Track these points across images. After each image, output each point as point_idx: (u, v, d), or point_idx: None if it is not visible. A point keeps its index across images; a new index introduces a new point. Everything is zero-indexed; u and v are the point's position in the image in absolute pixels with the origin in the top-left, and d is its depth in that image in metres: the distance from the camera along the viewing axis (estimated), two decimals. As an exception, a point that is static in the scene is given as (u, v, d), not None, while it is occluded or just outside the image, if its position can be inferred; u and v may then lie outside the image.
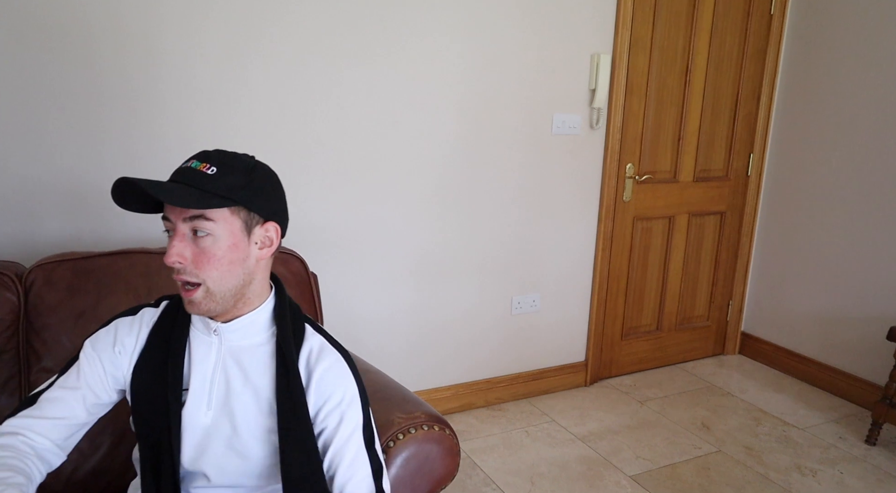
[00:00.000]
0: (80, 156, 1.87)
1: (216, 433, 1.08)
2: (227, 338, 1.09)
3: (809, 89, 3.03)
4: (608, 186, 2.83)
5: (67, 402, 1.07)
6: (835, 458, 2.47)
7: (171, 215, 1.00)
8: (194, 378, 1.09)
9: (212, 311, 1.04)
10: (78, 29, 1.80)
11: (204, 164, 1.00)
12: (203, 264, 1.00)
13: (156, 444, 1.07)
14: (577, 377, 3.01)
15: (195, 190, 0.97)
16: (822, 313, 3.04)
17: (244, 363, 1.09)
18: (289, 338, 1.09)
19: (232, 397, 1.08)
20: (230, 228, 1.01)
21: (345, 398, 1.09)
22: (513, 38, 2.47)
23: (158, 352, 1.10)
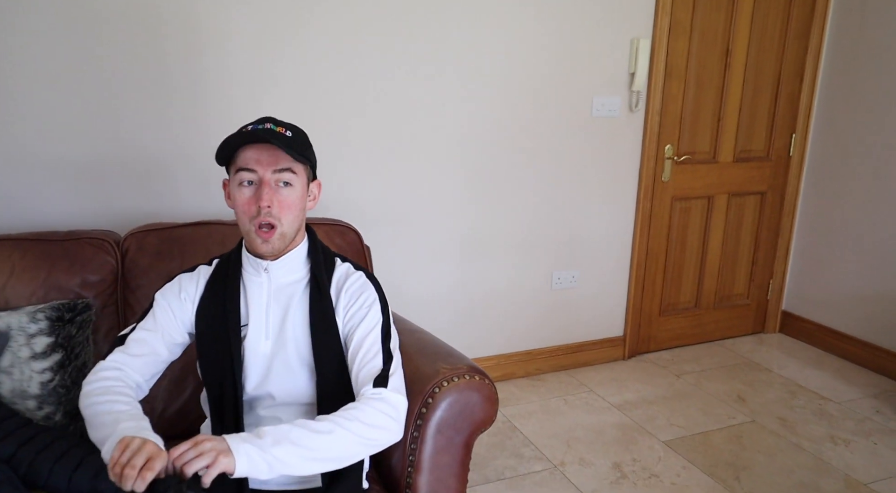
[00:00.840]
0: (153, 137, 2.09)
1: (276, 358, 1.27)
2: (275, 274, 1.29)
3: (854, 69, 3.04)
4: (647, 167, 2.92)
5: (150, 342, 1.26)
6: (869, 430, 2.53)
7: (259, 168, 1.18)
8: (252, 314, 1.28)
9: (278, 248, 1.24)
10: (144, 24, 2.02)
11: (280, 127, 1.20)
12: (284, 210, 1.21)
13: (220, 376, 1.26)
14: (616, 351, 3.13)
15: (289, 148, 1.17)
16: (864, 291, 3.07)
17: (290, 297, 1.29)
18: (321, 268, 1.30)
19: (286, 326, 1.27)
20: (302, 181, 1.24)
21: (366, 302, 1.29)
22: (554, 24, 2.59)
23: (216, 296, 1.29)
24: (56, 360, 1.48)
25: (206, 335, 1.28)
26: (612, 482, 2.18)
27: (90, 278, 1.61)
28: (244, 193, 1.21)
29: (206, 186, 2.19)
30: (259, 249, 1.24)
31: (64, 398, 1.48)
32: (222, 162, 1.24)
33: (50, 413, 1.46)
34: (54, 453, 1.32)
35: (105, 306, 1.63)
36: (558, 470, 2.24)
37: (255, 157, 1.19)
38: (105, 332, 1.62)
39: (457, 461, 1.42)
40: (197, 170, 2.16)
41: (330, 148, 2.33)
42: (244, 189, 1.21)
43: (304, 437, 1.07)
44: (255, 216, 1.20)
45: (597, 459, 2.31)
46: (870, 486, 2.17)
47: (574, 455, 2.33)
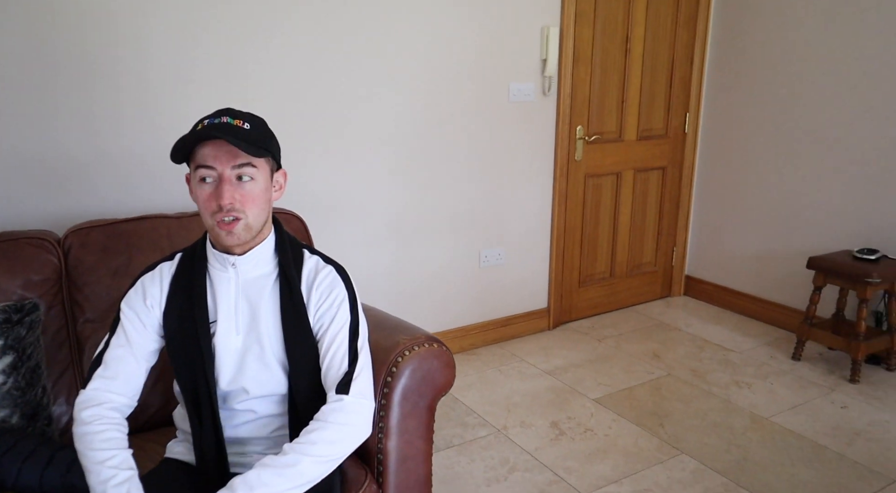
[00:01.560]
0: (74, 137, 2.04)
1: (248, 353, 1.28)
2: (243, 269, 1.28)
3: (736, 52, 3.37)
4: (561, 147, 3.12)
5: (125, 359, 1.25)
6: (766, 373, 2.85)
7: (218, 164, 1.17)
8: (220, 310, 1.28)
9: (243, 240, 1.23)
10: (61, 19, 1.96)
11: (237, 120, 1.19)
12: (247, 203, 1.20)
13: (192, 373, 1.26)
14: (541, 322, 3.33)
15: (245, 143, 1.15)
16: (754, 252, 3.43)
17: (259, 291, 1.29)
18: (290, 263, 1.30)
19: (257, 321, 1.28)
20: (264, 173, 1.23)
21: (336, 300, 1.30)
22: (470, 15, 2.71)
23: (182, 294, 1.28)
24: (8, 362, 1.45)
25: (175, 335, 1.27)
26: (552, 439, 2.35)
27: (33, 278, 1.58)
28: (205, 190, 1.19)
29: (127, 183, 2.15)
30: (224, 241, 1.22)
31: (20, 400, 1.45)
32: (180, 160, 1.20)
33: (6, 416, 1.43)
34: (20, 453, 1.31)
35: (51, 306, 1.60)
36: (502, 433, 2.39)
37: (213, 153, 1.17)
38: (53, 332, 1.59)
39: (422, 424, 1.52)
40: (118, 168, 2.13)
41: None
42: (205, 186, 1.19)
43: (275, 476, 1.11)
44: (217, 212, 1.19)
45: (536, 420, 2.48)
46: (770, 419, 2.47)
47: (515, 419, 2.49)
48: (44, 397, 1.51)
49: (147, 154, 2.16)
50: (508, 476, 2.14)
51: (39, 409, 1.49)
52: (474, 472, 2.16)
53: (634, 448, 2.29)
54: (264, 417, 1.32)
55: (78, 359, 1.63)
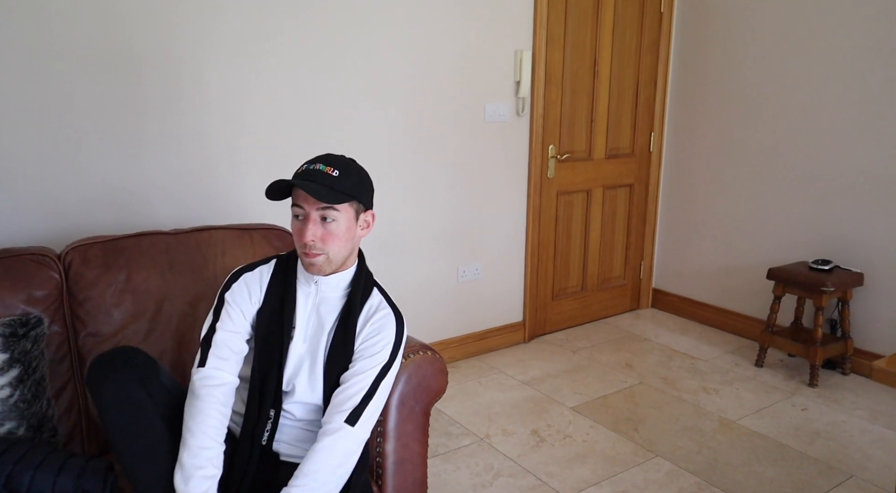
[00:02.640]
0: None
1: (305, 361, 1.44)
2: (322, 288, 1.45)
3: (696, 74, 3.57)
4: (535, 166, 3.25)
5: (233, 343, 1.43)
6: (732, 379, 3.00)
7: (306, 205, 1.35)
8: (298, 319, 1.45)
9: (323, 270, 1.42)
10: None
11: (329, 167, 1.36)
12: (329, 241, 1.37)
13: (268, 367, 1.42)
14: (517, 335, 3.43)
15: (328, 188, 1.33)
16: (717, 265, 3.61)
17: (328, 310, 1.45)
18: (357, 297, 1.45)
19: (318, 334, 1.45)
20: (348, 215, 1.39)
21: (381, 341, 1.44)
22: (448, 39, 2.84)
23: (275, 299, 1.46)
24: (14, 375, 1.48)
25: (263, 332, 1.44)
26: (534, 446, 2.44)
27: (36, 293, 1.61)
28: (296, 225, 1.39)
29: (118, 203, 2.20)
30: (308, 270, 1.42)
31: (26, 413, 1.49)
32: (278, 197, 1.38)
33: (12, 428, 1.46)
34: (32, 462, 1.35)
35: (53, 321, 1.63)
36: (485, 442, 2.47)
37: (304, 195, 1.35)
38: (56, 346, 1.63)
39: (419, 428, 1.60)
40: (110, 190, 2.17)
41: (251, 157, 2.42)
42: (296, 222, 1.39)
43: None
44: (303, 247, 1.37)
45: (516, 428, 2.57)
46: (737, 422, 2.61)
47: (496, 428, 2.58)
48: (49, 409, 1.54)
49: (137, 175, 2.21)
50: (494, 482, 2.22)
51: (45, 420, 1.52)
52: (461, 479, 2.24)
53: (612, 452, 2.40)
54: (301, 420, 1.45)
55: (79, 372, 1.66)
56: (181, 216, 2.31)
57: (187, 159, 2.30)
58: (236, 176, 2.41)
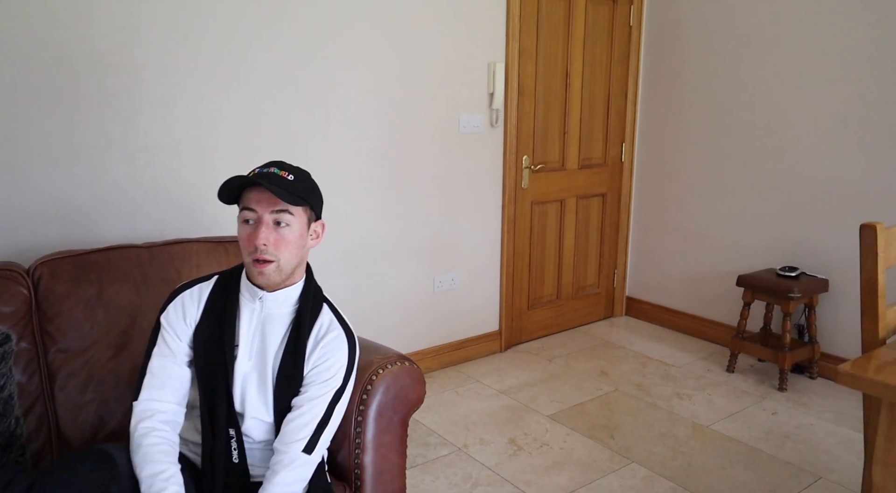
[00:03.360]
0: (56, 172, 2.05)
1: (251, 379, 1.39)
2: (267, 304, 1.39)
3: (665, 86, 3.64)
4: (509, 176, 3.28)
5: (170, 367, 1.38)
6: (704, 385, 3.05)
7: (259, 208, 1.30)
8: (242, 336, 1.39)
9: (274, 281, 1.35)
10: (51, 57, 1.99)
11: (283, 171, 1.33)
12: (280, 247, 1.32)
13: (214, 390, 1.36)
14: (494, 345, 3.45)
15: (285, 191, 1.28)
16: (688, 273, 3.67)
17: (274, 327, 1.40)
18: (305, 315, 1.40)
19: (263, 353, 1.39)
20: (301, 221, 1.35)
21: (333, 366, 1.39)
22: (422, 52, 2.86)
23: (214, 316, 1.39)
24: (-19, 394, 1.45)
25: (203, 352, 1.38)
26: (511, 455, 2.45)
27: (3, 309, 1.58)
28: (246, 230, 1.33)
29: (88, 215, 2.17)
30: (256, 279, 1.35)
31: (-7, 432, 1.45)
32: (228, 200, 1.34)
33: (-21, 448, 1.43)
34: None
35: (21, 337, 1.60)
36: (463, 451, 2.48)
37: (256, 197, 1.31)
38: (25, 363, 1.59)
39: (397, 439, 1.60)
40: (79, 202, 2.14)
41: (224, 170, 2.40)
42: (246, 226, 1.33)
43: None
44: (253, 252, 1.31)
45: (494, 438, 2.58)
46: (711, 427, 2.65)
47: (474, 437, 2.58)
48: (17, 427, 1.51)
49: (98, 188, 2.18)
50: (472, 491, 2.22)
51: (13, 440, 1.49)
52: (439, 489, 2.23)
53: (588, 459, 2.42)
54: (261, 441, 1.41)
55: (49, 390, 1.63)
56: (153, 230, 2.28)
57: (156, 173, 2.27)
58: (208, 189, 2.39)
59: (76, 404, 1.64)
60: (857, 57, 2.88)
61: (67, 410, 1.63)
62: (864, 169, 2.91)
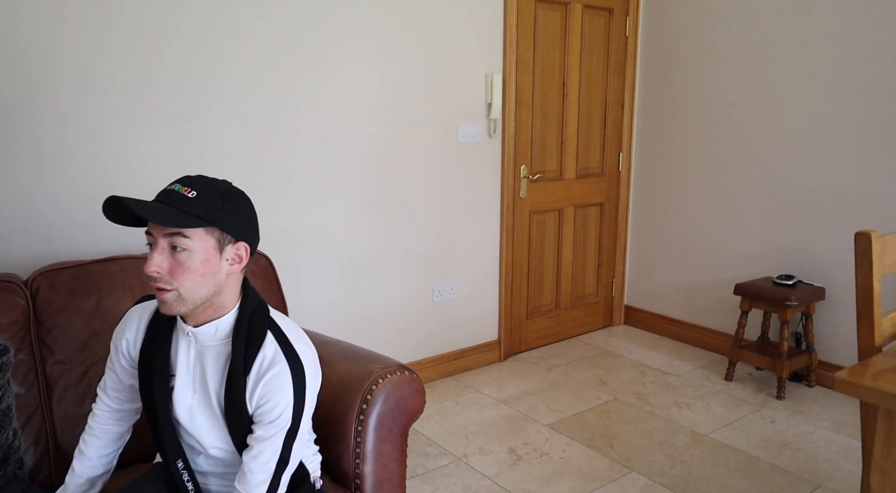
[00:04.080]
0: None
1: (201, 412, 1.29)
2: (200, 338, 1.27)
3: (662, 96, 3.67)
4: (507, 186, 3.30)
5: (114, 385, 1.39)
6: (703, 393, 3.05)
7: (154, 231, 1.16)
8: (179, 367, 1.29)
9: (181, 312, 1.19)
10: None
11: (186, 187, 1.16)
12: (178, 274, 1.15)
13: (154, 418, 1.30)
14: (493, 354, 3.45)
15: (176, 211, 1.13)
16: (686, 281, 3.68)
17: (212, 359, 1.28)
18: (239, 351, 1.24)
19: (207, 386, 1.28)
20: (204, 245, 1.17)
21: (278, 405, 1.23)
22: (421, 62, 2.88)
23: (153, 341, 1.30)
24: (-21, 405, 1.45)
25: (144, 377, 1.31)
26: (511, 465, 2.45)
27: (1, 320, 1.58)
28: (147, 255, 1.19)
29: (82, 227, 2.17)
30: (161, 310, 1.20)
31: (-9, 444, 1.45)
32: (126, 223, 1.21)
33: (-23, 460, 1.42)
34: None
35: (20, 349, 1.60)
36: (462, 461, 2.47)
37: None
38: (23, 374, 1.59)
39: (396, 449, 1.60)
40: (70, 213, 2.15)
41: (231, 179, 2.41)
42: (148, 251, 1.18)
43: None
44: (149, 279, 1.18)
45: (494, 447, 2.58)
46: (709, 435, 2.65)
47: (474, 447, 2.58)
48: (14, 439, 1.50)
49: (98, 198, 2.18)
50: (471, 502, 2.22)
51: (11, 452, 1.48)
52: (438, 499, 2.23)
53: (588, 469, 2.41)
54: (220, 459, 1.34)
55: (47, 401, 1.63)
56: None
57: (155, 183, 2.28)
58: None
59: (74, 416, 1.64)
60: (851, 65, 2.90)
61: (65, 422, 1.63)
62: (860, 177, 2.93)
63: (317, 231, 2.71)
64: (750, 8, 3.22)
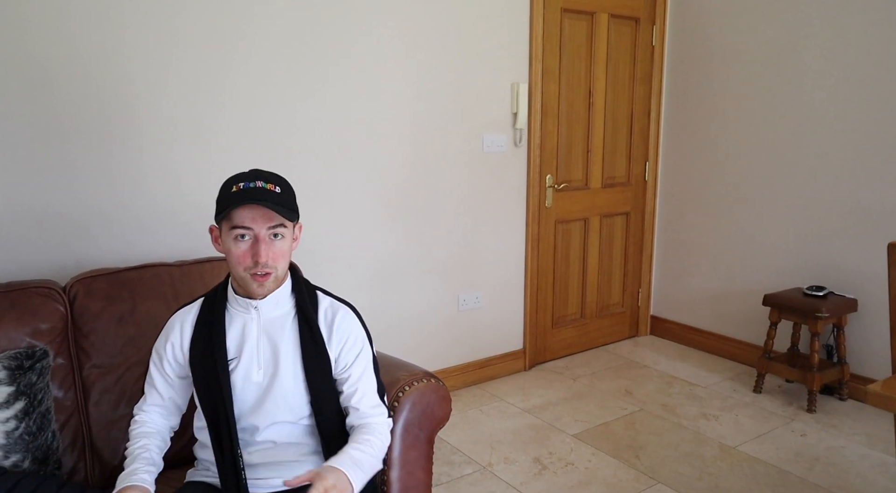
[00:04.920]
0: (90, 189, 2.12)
1: (271, 387, 1.39)
2: (264, 310, 1.41)
3: (689, 105, 3.64)
4: (532, 195, 3.30)
5: (159, 392, 1.46)
6: (731, 405, 3.01)
7: (255, 226, 1.32)
8: (245, 347, 1.40)
9: (272, 290, 1.39)
10: (82, 85, 2.07)
11: (270, 184, 1.34)
12: (278, 259, 1.36)
13: (214, 407, 1.38)
14: (518, 363, 3.44)
15: (280, 207, 1.31)
16: (714, 292, 3.64)
17: (279, 329, 1.41)
18: (306, 302, 1.44)
19: (278, 357, 1.40)
20: (290, 231, 1.39)
21: (358, 340, 1.45)
22: (448, 72, 2.90)
23: (205, 336, 1.41)
24: (19, 408, 1.49)
25: (199, 373, 1.40)
26: (536, 474, 2.44)
27: (41, 326, 1.63)
28: (240, 247, 1.33)
29: (122, 234, 2.23)
30: (255, 292, 1.37)
31: (31, 445, 1.49)
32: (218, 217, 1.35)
33: (17, 461, 1.47)
34: (23, 491, 1.35)
35: (58, 353, 1.65)
36: (487, 470, 2.47)
37: (251, 215, 1.31)
38: (61, 378, 1.64)
39: (423, 456, 1.61)
40: (112, 221, 2.20)
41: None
42: (240, 243, 1.33)
43: (365, 461, 1.32)
44: (252, 267, 1.33)
45: (519, 456, 2.57)
46: (738, 448, 2.61)
47: (498, 456, 2.57)
48: (53, 441, 1.55)
49: (140, 208, 2.24)
50: (496, 511, 2.21)
51: (49, 453, 1.53)
52: (463, 508, 2.23)
53: (614, 480, 2.39)
54: (283, 444, 1.42)
55: (84, 404, 1.67)
56: (182, 249, 2.33)
57: (187, 193, 2.33)
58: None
59: (109, 419, 1.68)
60: (885, 77, 2.86)
61: (101, 425, 1.68)
62: (894, 188, 2.87)
63: (344, 240, 2.74)
64: (781, 14, 3.19)
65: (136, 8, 2.13)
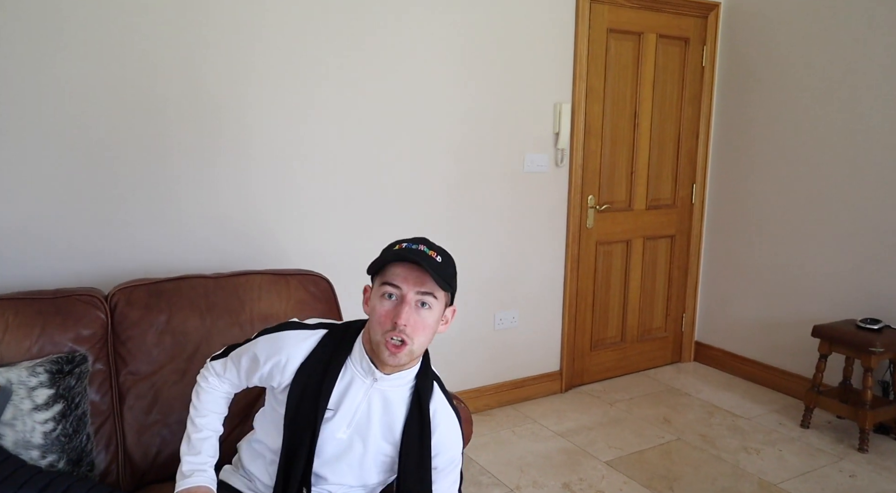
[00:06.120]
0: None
1: (351, 449, 1.36)
2: (381, 386, 1.35)
3: (739, 127, 3.55)
4: (573, 216, 3.27)
5: (238, 371, 1.45)
6: (775, 439, 2.89)
7: (405, 285, 1.26)
8: (344, 403, 1.34)
9: (403, 363, 1.30)
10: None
11: (432, 251, 1.29)
12: (418, 330, 1.27)
13: (295, 444, 1.33)
14: (554, 385, 3.39)
15: (435, 273, 1.25)
16: (761, 319, 3.51)
17: (387, 403, 1.36)
18: (427, 395, 1.38)
19: (369, 425, 1.36)
20: (440, 306, 1.31)
21: (455, 458, 1.43)
22: (490, 92, 2.92)
23: (315, 378, 1.34)
24: (58, 410, 1.57)
25: (294, 404, 1.34)
26: (564, 501, 2.40)
27: (83, 332, 1.71)
28: (385, 306, 1.27)
29: (161, 244, 2.32)
30: (386, 361, 1.29)
31: (67, 447, 1.56)
32: (372, 272, 1.32)
33: (53, 462, 1.54)
34: (55, 491, 1.41)
35: (97, 359, 1.72)
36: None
37: (403, 274, 1.26)
38: (99, 383, 1.71)
39: (441, 478, 1.60)
40: (148, 232, 2.30)
41: (296, 207, 2.52)
42: (385, 302, 1.27)
43: None
44: (389, 331, 1.26)
45: (548, 481, 2.53)
46: (779, 486, 2.50)
47: (527, 479, 2.54)
48: (88, 443, 1.61)
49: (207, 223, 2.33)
50: (520, 537, 2.18)
51: (83, 455, 1.59)
52: (487, 531, 2.21)
53: (644, 512, 2.33)
54: None
55: (119, 409, 1.74)
56: (220, 261, 2.41)
57: (226, 208, 2.41)
58: (277, 222, 2.51)
59: (142, 424, 1.74)
60: (947, 99, 2.72)
61: (134, 429, 1.74)
62: (957, 217, 2.72)
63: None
64: (835, 34, 3.08)
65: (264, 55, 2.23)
